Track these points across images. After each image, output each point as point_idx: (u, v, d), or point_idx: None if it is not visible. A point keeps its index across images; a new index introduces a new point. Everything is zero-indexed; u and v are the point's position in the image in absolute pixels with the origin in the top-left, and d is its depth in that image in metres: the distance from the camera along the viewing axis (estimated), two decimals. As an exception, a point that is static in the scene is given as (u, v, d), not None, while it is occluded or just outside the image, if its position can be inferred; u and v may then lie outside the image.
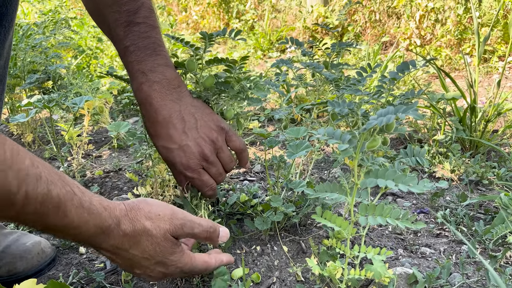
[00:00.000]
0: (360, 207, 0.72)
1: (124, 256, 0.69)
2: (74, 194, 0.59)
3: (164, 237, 0.70)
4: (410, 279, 0.82)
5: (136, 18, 0.89)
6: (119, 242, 0.66)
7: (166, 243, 0.71)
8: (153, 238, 0.69)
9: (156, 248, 0.70)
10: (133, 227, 0.67)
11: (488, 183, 1.39)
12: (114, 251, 0.67)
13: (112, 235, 0.65)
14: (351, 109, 0.72)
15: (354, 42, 1.29)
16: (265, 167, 1.55)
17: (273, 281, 0.92)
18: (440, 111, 1.61)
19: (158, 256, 0.71)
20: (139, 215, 0.69)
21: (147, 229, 0.68)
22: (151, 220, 0.69)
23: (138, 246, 0.68)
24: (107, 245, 0.66)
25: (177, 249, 0.73)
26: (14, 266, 0.94)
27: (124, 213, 0.67)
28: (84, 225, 0.60)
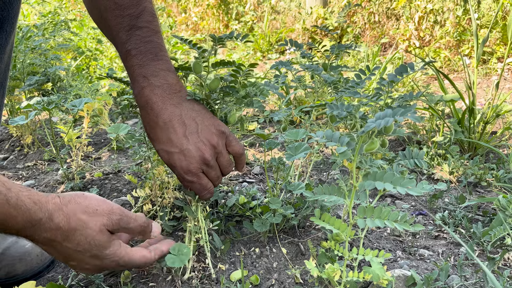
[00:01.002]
0: (358, 210, 0.72)
1: (58, 248, 0.71)
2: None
3: (100, 230, 0.72)
4: (408, 281, 0.82)
5: (139, 22, 0.89)
6: (51, 234, 0.68)
7: (101, 237, 0.73)
8: (88, 231, 0.71)
9: (91, 242, 0.72)
10: (67, 220, 0.69)
11: (487, 185, 1.39)
12: (48, 243, 0.70)
13: (43, 228, 0.67)
14: (350, 112, 0.72)
15: (353, 44, 1.30)
16: (264, 169, 1.55)
17: (272, 283, 0.92)
18: (438, 113, 1.61)
19: (93, 250, 0.73)
20: (76, 209, 0.71)
21: (83, 223, 0.71)
22: (87, 214, 0.72)
23: (72, 239, 0.70)
24: (39, 237, 0.68)
25: (112, 243, 0.75)
26: (13, 268, 0.94)
27: (59, 207, 0.69)
28: (11, 220, 0.63)
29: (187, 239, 0.95)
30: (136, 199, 1.14)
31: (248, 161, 1.64)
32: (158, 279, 0.92)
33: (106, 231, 0.74)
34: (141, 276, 0.94)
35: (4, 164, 1.66)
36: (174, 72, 0.91)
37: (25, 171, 1.59)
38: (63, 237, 0.69)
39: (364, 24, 4.70)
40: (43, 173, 1.55)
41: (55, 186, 1.40)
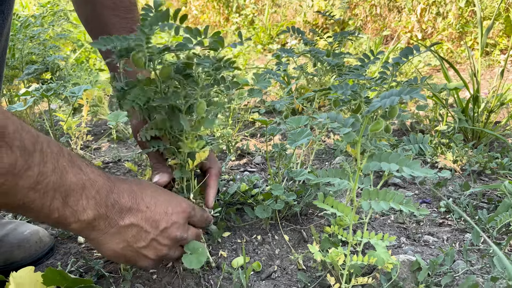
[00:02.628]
0: (363, 192, 0.70)
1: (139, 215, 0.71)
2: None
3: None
4: (413, 266, 0.81)
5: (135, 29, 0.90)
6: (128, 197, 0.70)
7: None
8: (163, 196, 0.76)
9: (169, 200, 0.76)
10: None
11: (491, 173, 1.37)
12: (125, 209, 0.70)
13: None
14: (355, 91, 0.71)
15: (356, 31, 1.28)
16: (265, 159, 1.54)
17: (274, 270, 0.90)
18: (442, 102, 1.59)
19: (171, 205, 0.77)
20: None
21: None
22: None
23: (149, 198, 0.73)
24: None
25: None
26: (12, 255, 0.93)
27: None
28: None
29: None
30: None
31: (249, 151, 1.63)
32: (158, 266, 0.91)
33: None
34: (141, 263, 0.92)
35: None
36: None
37: (24, 160, 1.57)
38: (141, 189, 0.72)
39: (366, 17, 4.67)
40: (42, 162, 1.53)
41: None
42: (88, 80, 1.73)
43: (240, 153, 1.60)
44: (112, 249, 0.70)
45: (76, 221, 0.63)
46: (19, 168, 0.55)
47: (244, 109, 1.98)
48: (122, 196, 0.68)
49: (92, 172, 0.65)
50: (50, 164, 0.59)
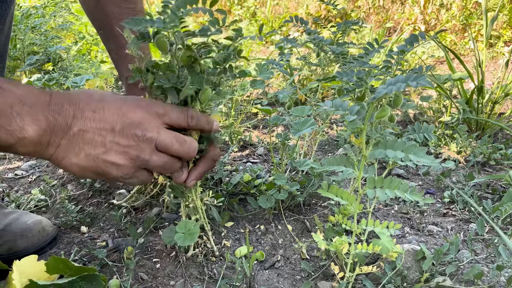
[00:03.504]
0: (368, 180, 0.69)
1: (91, 120, 0.63)
2: None
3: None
4: (417, 255, 0.80)
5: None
6: (79, 105, 0.63)
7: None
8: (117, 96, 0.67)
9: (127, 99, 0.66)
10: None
11: (495, 163, 1.36)
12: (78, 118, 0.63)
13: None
14: (360, 78, 0.70)
15: (360, 21, 1.26)
16: (268, 150, 1.53)
17: (277, 259, 0.90)
18: (446, 92, 1.58)
19: (132, 105, 0.66)
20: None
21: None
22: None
23: (103, 99, 0.65)
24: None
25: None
26: (15, 244, 0.93)
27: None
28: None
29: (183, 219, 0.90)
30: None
31: (252, 142, 1.62)
32: (162, 255, 0.91)
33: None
34: (145, 252, 0.92)
35: (5, 145, 1.65)
36: None
37: (26, 151, 1.57)
38: (83, 97, 0.64)
39: (369, 9, 4.63)
40: (44, 153, 1.53)
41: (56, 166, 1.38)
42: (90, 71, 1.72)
43: (242, 145, 1.59)
44: (74, 163, 0.64)
45: (19, 142, 0.59)
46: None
47: (247, 101, 1.97)
48: (62, 105, 0.61)
49: (19, 89, 0.59)
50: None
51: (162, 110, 0.68)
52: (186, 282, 0.83)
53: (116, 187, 0.71)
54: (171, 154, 0.69)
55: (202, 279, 0.84)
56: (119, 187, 0.73)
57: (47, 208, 1.16)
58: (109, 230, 1.04)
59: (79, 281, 0.76)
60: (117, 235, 1.01)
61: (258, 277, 0.85)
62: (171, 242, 0.84)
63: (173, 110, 0.69)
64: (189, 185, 0.77)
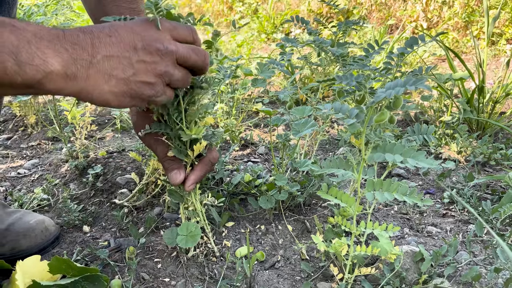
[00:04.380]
0: (367, 183, 0.70)
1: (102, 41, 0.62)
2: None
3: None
4: (416, 256, 0.81)
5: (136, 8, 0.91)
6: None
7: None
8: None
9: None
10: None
11: (495, 164, 1.37)
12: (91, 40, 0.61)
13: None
14: (359, 82, 0.70)
15: (361, 20, 1.26)
16: (269, 149, 1.54)
17: (277, 259, 0.91)
18: (447, 92, 1.58)
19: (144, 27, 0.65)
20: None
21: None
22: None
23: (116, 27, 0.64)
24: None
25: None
26: (18, 244, 0.94)
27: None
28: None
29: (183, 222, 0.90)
30: (141, 177, 1.13)
31: (253, 141, 1.63)
32: (163, 255, 0.92)
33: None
34: (146, 252, 0.93)
35: (8, 143, 1.66)
36: None
37: (29, 150, 1.58)
38: (93, 27, 0.62)
39: (371, 6, 4.62)
40: (47, 152, 1.54)
41: (59, 165, 1.39)
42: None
43: (243, 143, 1.60)
44: (107, 91, 0.63)
45: (46, 77, 0.57)
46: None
47: (248, 99, 1.98)
48: (77, 36, 0.60)
49: (31, 26, 0.58)
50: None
51: (171, 25, 0.68)
52: (187, 282, 0.84)
53: (147, 106, 0.72)
54: (188, 66, 0.70)
55: (203, 279, 0.85)
56: (149, 105, 0.74)
57: (49, 207, 1.17)
58: (111, 229, 1.05)
59: (82, 281, 0.77)
60: (118, 235, 1.02)
61: (258, 277, 0.86)
62: (173, 244, 0.85)
63: (179, 25, 0.69)
64: (188, 189, 0.78)
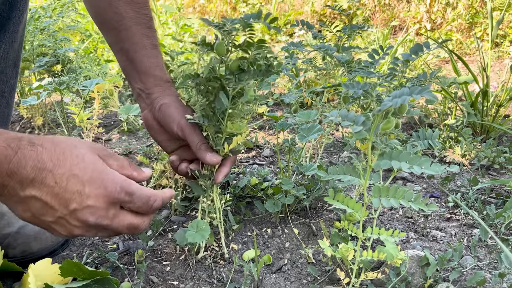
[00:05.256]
0: (373, 189, 0.71)
1: (48, 187, 0.63)
2: None
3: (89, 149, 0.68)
4: (422, 261, 0.82)
5: (152, 25, 0.94)
6: (37, 162, 0.62)
7: (93, 155, 0.68)
8: (78, 150, 0.66)
9: (85, 159, 0.66)
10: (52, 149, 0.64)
11: (500, 167, 1.38)
12: (36, 180, 0.62)
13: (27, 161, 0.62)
14: (366, 91, 0.72)
15: (366, 25, 1.27)
16: (274, 152, 1.55)
17: (284, 263, 0.92)
18: (451, 95, 1.59)
19: (89, 169, 0.66)
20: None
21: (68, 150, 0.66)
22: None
23: (63, 160, 0.64)
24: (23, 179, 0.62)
25: (106, 165, 0.69)
26: (29, 247, 0.95)
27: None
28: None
29: (200, 218, 0.95)
30: (148, 180, 1.14)
31: (258, 143, 1.64)
32: (171, 258, 0.93)
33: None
34: (155, 255, 0.95)
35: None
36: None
37: (36, 152, 1.59)
38: (53, 160, 0.63)
39: (374, 7, 4.62)
40: (54, 154, 1.56)
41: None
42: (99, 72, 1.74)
43: (248, 146, 1.61)
44: (21, 215, 0.66)
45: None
46: None
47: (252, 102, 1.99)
48: (24, 166, 0.61)
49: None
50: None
51: (128, 198, 0.68)
52: (195, 285, 0.86)
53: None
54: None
55: (211, 282, 0.87)
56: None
57: (58, 209, 1.18)
58: (119, 232, 1.06)
59: (93, 284, 0.78)
60: (127, 238, 1.03)
61: (265, 280, 0.87)
62: (183, 242, 0.88)
63: (139, 200, 0.70)
64: (218, 181, 0.89)
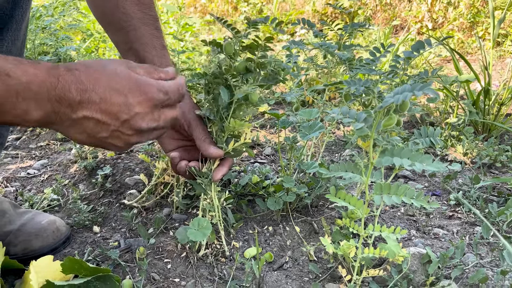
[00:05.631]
0: (375, 186, 0.71)
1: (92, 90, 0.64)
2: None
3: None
4: (423, 258, 0.82)
5: (159, 26, 0.95)
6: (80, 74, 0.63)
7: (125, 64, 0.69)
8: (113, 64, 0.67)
9: (120, 64, 0.68)
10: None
11: (501, 166, 1.37)
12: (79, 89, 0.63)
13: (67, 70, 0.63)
14: (367, 87, 0.71)
15: (367, 23, 1.27)
16: (276, 150, 1.55)
17: (285, 261, 0.92)
18: (453, 94, 1.59)
19: (124, 72, 0.67)
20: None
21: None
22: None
23: (100, 67, 0.66)
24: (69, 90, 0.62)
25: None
26: (30, 244, 0.95)
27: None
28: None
29: (200, 217, 0.95)
30: (149, 178, 1.14)
31: (259, 142, 1.64)
32: (173, 255, 0.93)
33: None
34: (156, 253, 0.95)
35: (17, 144, 1.68)
36: None
37: (38, 151, 1.60)
38: (91, 80, 0.63)
39: (376, 6, 4.62)
40: (56, 152, 1.56)
41: (68, 165, 1.41)
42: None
43: (250, 144, 1.61)
44: (76, 137, 0.67)
45: (26, 122, 0.62)
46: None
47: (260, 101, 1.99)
48: (69, 90, 0.62)
49: (26, 75, 0.60)
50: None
51: (165, 96, 0.70)
52: (196, 282, 0.86)
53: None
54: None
55: (213, 279, 0.87)
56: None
57: (59, 207, 1.19)
58: (121, 230, 1.06)
59: (94, 281, 0.78)
60: (128, 235, 1.04)
61: (266, 278, 0.87)
62: (185, 240, 0.89)
63: (173, 94, 0.71)
64: (216, 179, 0.89)
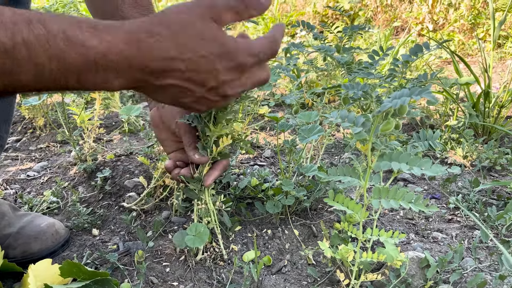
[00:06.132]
0: (373, 190, 0.71)
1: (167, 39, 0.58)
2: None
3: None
4: (422, 263, 0.82)
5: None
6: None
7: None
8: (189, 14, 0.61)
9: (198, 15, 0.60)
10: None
11: (501, 169, 1.37)
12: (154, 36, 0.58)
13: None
14: (365, 92, 0.71)
15: (367, 25, 1.27)
16: (275, 153, 1.55)
17: (284, 264, 0.92)
18: (453, 96, 1.59)
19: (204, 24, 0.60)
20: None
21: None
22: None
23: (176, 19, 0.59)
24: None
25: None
26: (29, 247, 0.95)
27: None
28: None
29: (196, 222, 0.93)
30: (149, 181, 1.14)
31: (259, 144, 1.64)
32: (171, 258, 0.93)
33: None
34: (155, 256, 0.95)
35: (17, 146, 1.68)
36: None
37: (37, 153, 1.60)
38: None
39: (376, 7, 4.62)
40: (55, 154, 1.56)
41: (68, 168, 1.41)
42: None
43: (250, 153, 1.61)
44: (160, 100, 0.66)
45: (107, 89, 0.58)
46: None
47: (254, 102, 1.99)
48: (150, 59, 0.57)
49: (102, 43, 0.55)
50: (41, 53, 0.51)
51: (255, 59, 0.64)
52: (195, 286, 0.86)
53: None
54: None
55: (211, 283, 0.87)
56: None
57: (59, 210, 1.19)
58: (120, 233, 1.06)
59: (92, 285, 0.78)
60: (127, 238, 1.04)
61: (265, 281, 0.87)
62: (182, 245, 0.87)
63: (265, 55, 0.65)
64: (207, 184, 0.86)
